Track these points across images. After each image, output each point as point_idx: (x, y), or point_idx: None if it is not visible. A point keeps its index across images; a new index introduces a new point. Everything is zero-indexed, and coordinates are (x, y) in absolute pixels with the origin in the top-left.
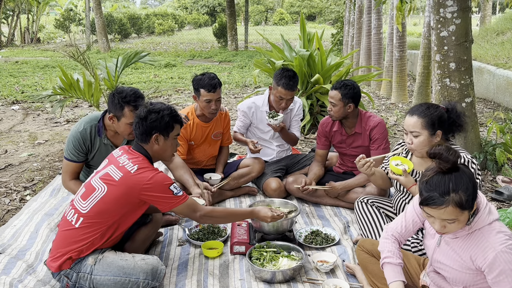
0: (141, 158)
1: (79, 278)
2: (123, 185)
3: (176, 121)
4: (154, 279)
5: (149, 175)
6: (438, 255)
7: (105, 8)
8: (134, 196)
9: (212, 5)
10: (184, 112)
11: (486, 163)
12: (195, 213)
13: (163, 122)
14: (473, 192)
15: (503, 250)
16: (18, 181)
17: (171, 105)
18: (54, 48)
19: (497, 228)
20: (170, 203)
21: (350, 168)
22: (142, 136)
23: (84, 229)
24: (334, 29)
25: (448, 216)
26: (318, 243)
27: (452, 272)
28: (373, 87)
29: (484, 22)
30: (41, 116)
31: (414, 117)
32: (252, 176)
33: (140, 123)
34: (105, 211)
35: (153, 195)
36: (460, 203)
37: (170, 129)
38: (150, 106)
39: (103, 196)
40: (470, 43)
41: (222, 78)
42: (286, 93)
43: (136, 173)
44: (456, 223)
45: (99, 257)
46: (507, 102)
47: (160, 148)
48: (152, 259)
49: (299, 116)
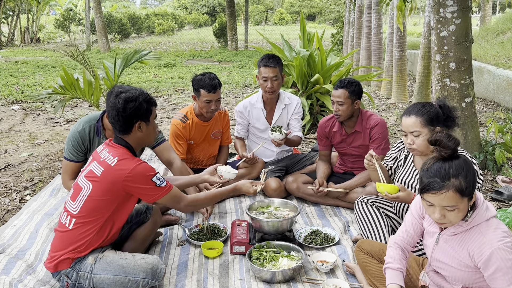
0: (121, 150)
1: (79, 277)
2: (105, 179)
3: (152, 104)
4: (154, 278)
5: (130, 166)
6: (437, 253)
7: (105, 8)
8: (119, 189)
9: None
10: (183, 112)
11: (486, 163)
12: (178, 204)
13: (143, 109)
14: (473, 180)
15: (500, 247)
16: (18, 181)
17: (141, 88)
18: (54, 48)
19: (494, 224)
20: (153, 195)
21: (350, 168)
22: (123, 127)
23: (78, 230)
24: (334, 29)
25: (448, 202)
26: (318, 243)
27: (451, 270)
28: (373, 87)
29: (484, 22)
30: (41, 116)
31: (411, 117)
32: (252, 176)
33: (119, 115)
34: (94, 209)
35: (136, 186)
36: (460, 189)
37: (149, 113)
38: (123, 95)
39: (90, 194)
40: (470, 43)
41: (222, 78)
42: (267, 71)
43: (116, 166)
44: (456, 212)
45: (99, 256)
46: (507, 102)
47: (144, 134)
48: (152, 258)
49: (298, 115)
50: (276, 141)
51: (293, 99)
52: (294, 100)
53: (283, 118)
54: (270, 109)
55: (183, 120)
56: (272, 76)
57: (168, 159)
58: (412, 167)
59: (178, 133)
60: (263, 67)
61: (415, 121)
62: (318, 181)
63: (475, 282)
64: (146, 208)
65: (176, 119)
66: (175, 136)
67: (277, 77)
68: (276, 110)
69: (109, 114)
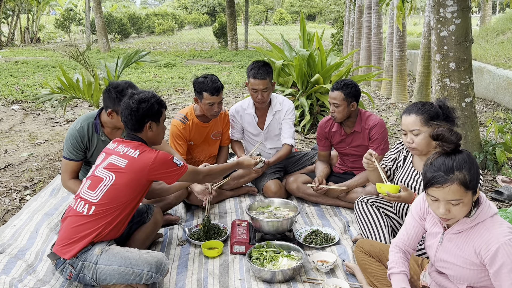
0: (138, 143)
1: (83, 267)
2: (131, 170)
3: (162, 106)
4: (158, 272)
5: (152, 155)
6: (441, 253)
7: (105, 8)
8: (143, 178)
9: (212, 5)
10: (183, 113)
11: (486, 163)
12: (198, 176)
13: (154, 110)
14: (477, 173)
15: (506, 242)
16: (18, 181)
17: (152, 91)
18: (54, 48)
19: (499, 221)
20: (177, 175)
21: (350, 168)
22: (135, 126)
23: (97, 216)
24: (334, 29)
25: (453, 195)
26: (318, 243)
27: (456, 269)
28: (373, 87)
29: (484, 22)
30: (41, 116)
31: (412, 116)
32: (252, 176)
33: (133, 115)
34: (115, 197)
35: (161, 172)
36: (465, 182)
37: (160, 114)
38: (137, 96)
39: (113, 183)
40: (470, 43)
41: (222, 78)
42: (257, 83)
43: (140, 157)
44: (461, 206)
45: (106, 248)
46: (507, 102)
47: (154, 134)
48: (157, 253)
49: (290, 120)
50: (255, 169)
51: (284, 105)
52: (285, 105)
53: (274, 124)
54: (261, 114)
55: (183, 121)
56: (262, 88)
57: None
58: (411, 168)
59: (178, 133)
60: (252, 78)
61: (415, 120)
62: (318, 179)
63: (480, 281)
64: (147, 208)
65: (176, 119)
66: (175, 137)
67: (267, 88)
68: (267, 116)
69: (122, 114)
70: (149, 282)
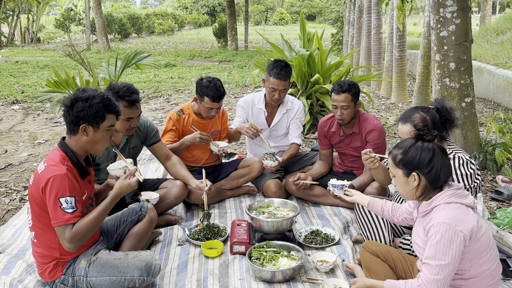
0: (53, 155)
1: (75, 282)
2: (34, 186)
3: (108, 111)
4: (149, 275)
5: (50, 174)
6: (413, 236)
7: (105, 8)
8: (41, 197)
9: (212, 5)
10: (181, 107)
11: (486, 163)
12: (62, 240)
13: (91, 112)
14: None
15: (439, 223)
16: (18, 181)
17: (105, 93)
18: (54, 48)
19: (452, 207)
20: (53, 217)
21: (350, 167)
22: (69, 126)
23: (41, 240)
24: (334, 29)
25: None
26: (318, 243)
27: (419, 250)
28: (373, 87)
29: (484, 22)
30: (41, 116)
31: (407, 125)
32: (252, 176)
33: (67, 112)
34: (41, 216)
35: (48, 200)
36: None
37: (101, 119)
38: (78, 93)
39: (31, 202)
40: (470, 43)
41: (222, 78)
42: (277, 83)
43: (41, 173)
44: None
45: (92, 259)
46: (507, 102)
47: (89, 139)
48: (145, 255)
49: (299, 120)
50: (269, 167)
51: (295, 104)
52: (296, 105)
53: (283, 123)
54: (271, 111)
55: (179, 114)
56: (282, 89)
57: (166, 154)
58: None
59: (171, 123)
60: (274, 78)
61: (410, 129)
62: (299, 174)
63: None
64: (141, 207)
65: (173, 111)
66: (167, 126)
67: (285, 89)
68: (277, 113)
69: (63, 109)
70: (143, 285)
